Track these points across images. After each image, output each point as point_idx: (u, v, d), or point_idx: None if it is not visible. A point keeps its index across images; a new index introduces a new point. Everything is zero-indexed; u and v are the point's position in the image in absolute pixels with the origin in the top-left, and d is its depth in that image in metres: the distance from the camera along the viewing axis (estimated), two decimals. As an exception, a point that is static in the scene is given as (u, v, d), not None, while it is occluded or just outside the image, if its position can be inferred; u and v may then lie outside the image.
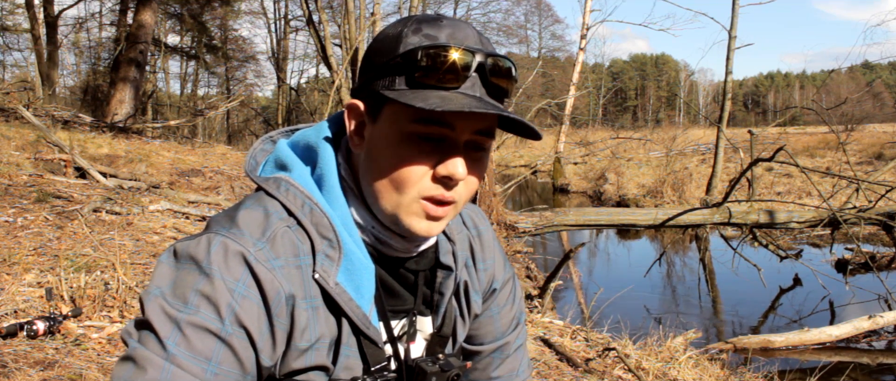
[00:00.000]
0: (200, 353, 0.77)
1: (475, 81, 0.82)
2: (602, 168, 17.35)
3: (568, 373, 3.55)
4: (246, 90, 29.84)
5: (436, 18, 0.85)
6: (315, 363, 0.85)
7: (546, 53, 46.20)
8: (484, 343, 1.11)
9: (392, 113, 0.83)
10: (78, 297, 3.21)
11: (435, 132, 0.81)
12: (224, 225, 0.83)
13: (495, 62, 0.83)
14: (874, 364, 4.88)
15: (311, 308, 0.84)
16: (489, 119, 0.84)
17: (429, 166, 0.83)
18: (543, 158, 18.73)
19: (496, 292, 1.10)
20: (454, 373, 0.93)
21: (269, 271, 0.81)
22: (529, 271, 6.83)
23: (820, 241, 9.03)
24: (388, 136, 0.83)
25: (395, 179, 0.83)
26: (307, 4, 15.35)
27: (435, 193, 0.83)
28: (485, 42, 0.85)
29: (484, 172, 0.88)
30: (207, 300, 0.78)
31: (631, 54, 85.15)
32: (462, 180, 0.84)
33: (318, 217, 0.85)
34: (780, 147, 6.53)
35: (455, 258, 0.98)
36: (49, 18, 15.65)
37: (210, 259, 0.79)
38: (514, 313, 1.14)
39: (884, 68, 67.97)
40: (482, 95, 0.82)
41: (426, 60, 0.80)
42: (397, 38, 0.83)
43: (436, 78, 0.80)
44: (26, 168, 6.26)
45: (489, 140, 0.85)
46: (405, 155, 0.82)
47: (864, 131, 28.08)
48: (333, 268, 0.85)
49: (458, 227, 1.02)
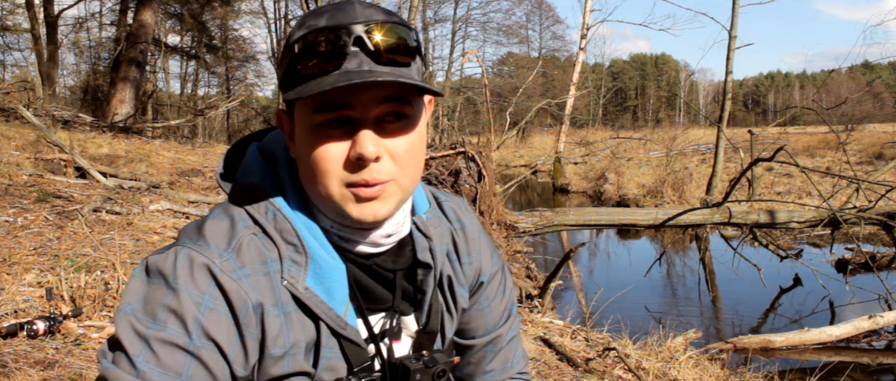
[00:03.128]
0: (170, 369, 0.77)
1: (358, 55, 0.79)
2: (602, 168, 17.34)
3: (568, 373, 3.55)
4: (246, 90, 29.81)
5: (321, 8, 0.83)
6: (293, 369, 0.85)
7: (546, 53, 46.14)
8: (476, 337, 1.10)
9: (299, 111, 0.83)
10: (78, 297, 3.21)
11: (338, 116, 0.80)
12: (191, 237, 0.84)
13: (378, 30, 0.79)
14: (874, 364, 4.88)
15: (284, 314, 0.84)
16: (393, 87, 0.80)
17: (342, 152, 0.81)
18: (543, 158, 18.74)
19: (484, 284, 1.08)
20: (439, 369, 0.92)
21: (235, 281, 0.80)
22: (529, 271, 6.82)
23: (820, 241, 9.03)
24: (300, 133, 0.83)
25: (317, 173, 0.82)
26: (307, 4, 15.35)
27: (354, 178, 0.81)
28: (373, 13, 0.81)
29: (417, 138, 0.84)
30: (174, 315, 0.78)
31: (631, 54, 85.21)
32: (385, 156, 0.81)
33: (282, 223, 0.85)
34: (780, 147, 6.53)
35: (433, 254, 0.96)
36: (49, 18, 15.64)
37: (176, 273, 0.79)
38: (505, 305, 1.12)
39: (884, 68, 67.88)
40: (371, 67, 0.79)
41: (302, 49, 0.80)
42: (288, 37, 0.83)
43: (314, 64, 0.79)
44: (26, 168, 6.26)
45: (405, 106, 0.81)
46: (317, 147, 0.81)
47: (864, 131, 28.06)
48: (301, 273, 0.84)
49: (437, 221, 0.99)
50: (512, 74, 41.11)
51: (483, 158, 5.72)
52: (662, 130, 21.51)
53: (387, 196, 0.83)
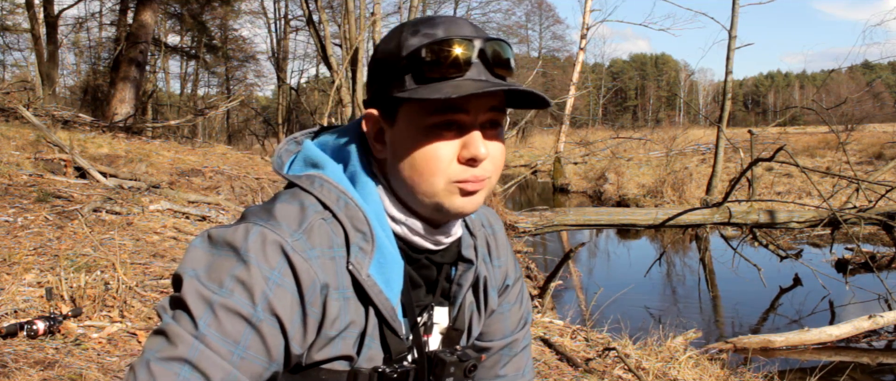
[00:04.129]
0: (229, 335, 0.80)
1: (478, 66, 0.87)
2: (602, 168, 17.34)
3: (568, 373, 3.55)
4: (246, 90, 29.79)
5: (429, 19, 0.90)
6: (341, 352, 0.88)
7: (546, 53, 46.21)
8: (493, 340, 1.14)
9: (408, 112, 0.88)
10: (78, 297, 3.21)
11: (452, 119, 0.86)
12: (262, 217, 0.86)
13: (493, 46, 0.88)
14: (874, 364, 4.88)
15: (343, 299, 0.87)
16: (499, 96, 0.89)
17: (453, 152, 0.87)
18: (543, 158, 18.74)
19: (508, 288, 1.14)
20: (471, 363, 0.97)
21: (305, 260, 0.83)
22: (529, 271, 6.82)
23: (820, 241, 9.03)
24: (409, 134, 0.88)
25: (426, 171, 0.87)
26: (307, 4, 15.36)
27: (465, 175, 0.87)
28: (480, 30, 0.90)
29: (503, 144, 0.94)
30: (242, 285, 0.80)
31: (631, 54, 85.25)
32: (487, 157, 0.89)
33: (353, 211, 0.89)
34: (780, 147, 6.53)
35: (476, 253, 1.02)
36: (49, 18, 15.63)
37: (248, 246, 0.82)
38: (522, 313, 1.18)
39: (884, 68, 67.95)
40: (487, 77, 0.87)
41: (430, 56, 0.85)
42: (398, 44, 0.88)
43: (442, 70, 0.85)
44: (26, 168, 6.26)
45: (502, 115, 0.91)
46: (429, 147, 0.86)
47: (864, 131, 28.07)
48: (366, 260, 0.88)
49: (478, 224, 1.07)
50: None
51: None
52: (662, 130, 21.53)
53: (484, 190, 0.91)
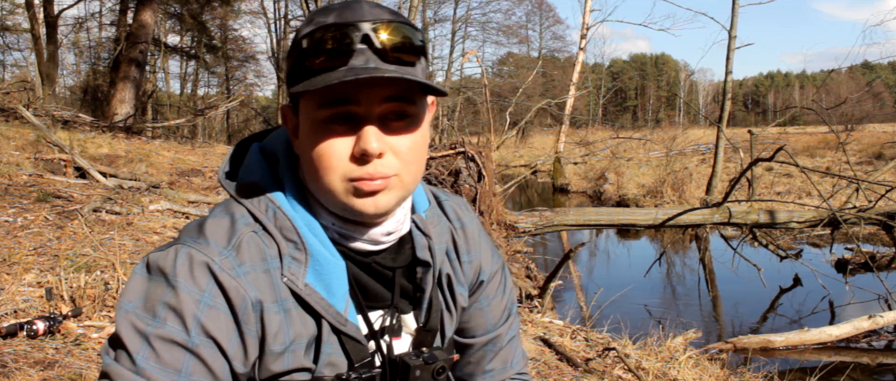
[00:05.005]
0: (169, 365, 0.78)
1: (365, 52, 0.80)
2: (602, 168, 17.33)
3: (568, 373, 3.55)
4: (246, 90, 29.79)
5: (329, 5, 0.84)
6: (293, 365, 0.86)
7: (546, 53, 46.15)
8: (476, 336, 1.10)
9: (304, 107, 0.84)
10: (78, 297, 3.21)
11: (343, 112, 0.81)
12: (192, 235, 0.85)
13: (385, 29, 0.80)
14: (874, 364, 4.88)
15: (283, 311, 0.85)
16: (396, 85, 0.81)
17: (346, 148, 0.82)
18: (543, 158, 18.74)
19: (484, 283, 1.08)
20: (439, 366, 0.93)
21: (234, 278, 0.81)
22: (529, 271, 6.82)
23: (820, 241, 9.03)
24: (305, 129, 0.84)
25: (321, 168, 0.83)
26: (307, 4, 15.35)
27: (358, 173, 0.82)
28: (380, 12, 0.82)
29: (420, 137, 0.86)
30: (174, 313, 0.79)
31: (631, 54, 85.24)
32: (389, 152, 0.82)
33: (282, 220, 0.86)
34: (780, 147, 6.53)
35: (432, 252, 0.96)
36: (49, 18, 15.62)
37: (176, 271, 0.80)
38: (505, 305, 1.13)
39: (884, 68, 67.95)
40: (377, 65, 0.80)
41: (311, 45, 0.81)
42: (296, 33, 0.84)
43: (323, 60, 0.80)
44: (26, 168, 6.26)
45: (409, 105, 0.83)
46: (323, 143, 0.82)
47: (864, 131, 28.07)
48: (301, 270, 0.85)
49: (437, 220, 1.00)
50: (512, 74, 41.11)
51: (483, 158, 5.71)
52: (662, 130, 21.51)
53: (389, 190, 0.84)
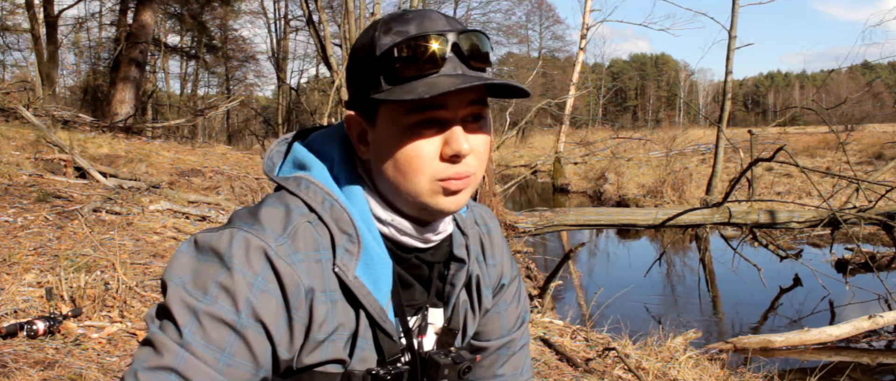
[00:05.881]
0: (214, 343, 0.79)
1: (453, 60, 0.85)
2: (602, 168, 17.33)
3: (568, 373, 3.55)
4: (246, 90, 29.79)
5: (401, 15, 0.87)
6: (332, 355, 0.88)
7: (546, 53, 46.16)
8: (490, 340, 1.13)
9: (387, 113, 0.86)
10: (78, 297, 3.21)
11: (431, 117, 0.85)
12: (247, 221, 0.86)
13: (468, 38, 0.86)
14: (874, 364, 4.88)
15: (330, 301, 0.87)
16: (477, 90, 0.87)
17: (435, 150, 0.86)
18: (543, 158, 18.74)
19: (504, 287, 1.12)
20: (465, 365, 0.96)
21: (289, 265, 0.83)
22: (529, 271, 6.82)
23: (820, 241, 9.03)
24: (389, 134, 0.86)
25: (409, 171, 0.86)
26: (307, 4, 15.33)
27: (448, 173, 0.86)
28: (454, 22, 0.88)
29: (488, 137, 0.91)
30: (226, 292, 0.80)
31: (631, 54, 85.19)
32: (470, 153, 0.87)
33: (338, 213, 0.88)
34: (780, 147, 6.53)
35: (468, 252, 1.01)
36: (49, 18, 15.61)
37: (231, 253, 0.82)
38: (520, 312, 1.17)
39: (884, 68, 67.88)
40: (464, 71, 0.85)
41: (402, 55, 0.83)
42: (371, 43, 0.86)
43: (415, 68, 0.83)
44: (26, 168, 6.26)
45: (484, 108, 0.89)
46: (410, 146, 0.85)
47: (864, 131, 28.05)
48: (353, 262, 0.87)
49: (470, 222, 1.04)
50: (512, 74, 41.09)
51: (483, 158, 5.70)
52: (662, 130, 21.52)
53: (468, 188, 0.89)
